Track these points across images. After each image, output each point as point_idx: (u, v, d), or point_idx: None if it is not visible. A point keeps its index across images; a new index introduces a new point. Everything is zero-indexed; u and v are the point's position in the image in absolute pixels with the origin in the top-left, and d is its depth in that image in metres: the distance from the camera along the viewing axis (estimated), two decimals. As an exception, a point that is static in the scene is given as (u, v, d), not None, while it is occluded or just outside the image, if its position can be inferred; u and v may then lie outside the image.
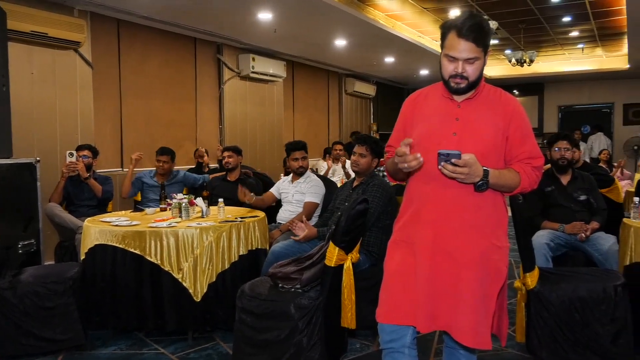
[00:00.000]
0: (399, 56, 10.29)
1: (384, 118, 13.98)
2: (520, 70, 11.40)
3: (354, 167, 3.82)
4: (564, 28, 9.48)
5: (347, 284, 3.02)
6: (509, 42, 10.34)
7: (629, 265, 3.27)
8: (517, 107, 2.09)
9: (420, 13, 8.11)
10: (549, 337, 3.03)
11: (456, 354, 2.17)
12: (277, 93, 9.49)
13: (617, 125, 14.65)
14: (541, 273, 3.17)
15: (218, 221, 3.75)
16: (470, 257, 1.98)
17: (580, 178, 4.11)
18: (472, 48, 1.95)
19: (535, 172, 2.04)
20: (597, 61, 12.71)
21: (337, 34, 8.26)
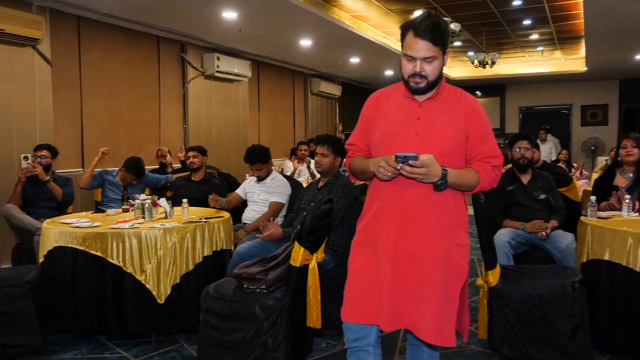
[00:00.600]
0: (364, 57, 10.35)
1: (350, 118, 14.04)
2: (482, 72, 11.61)
3: (317, 168, 3.84)
4: (525, 31, 9.70)
5: (312, 283, 3.02)
6: (471, 44, 10.52)
7: (586, 262, 3.36)
8: (478, 107, 2.12)
9: (385, 14, 8.18)
10: (510, 333, 3.10)
11: (419, 351, 2.20)
12: (242, 93, 9.43)
13: (575, 126, 15.07)
14: (503, 271, 3.24)
15: (182, 222, 3.71)
16: (432, 256, 2.01)
17: (539, 177, 4.21)
18: (429, 47, 1.98)
19: (494, 171, 2.08)
20: (556, 64, 13.05)
21: (302, 34, 8.26)
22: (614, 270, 3.13)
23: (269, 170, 4.54)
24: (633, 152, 3.88)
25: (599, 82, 14.49)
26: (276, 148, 10.53)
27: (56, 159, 5.07)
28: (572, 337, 3.03)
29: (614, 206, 3.80)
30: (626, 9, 6.98)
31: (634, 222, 3.38)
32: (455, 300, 2.04)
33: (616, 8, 6.92)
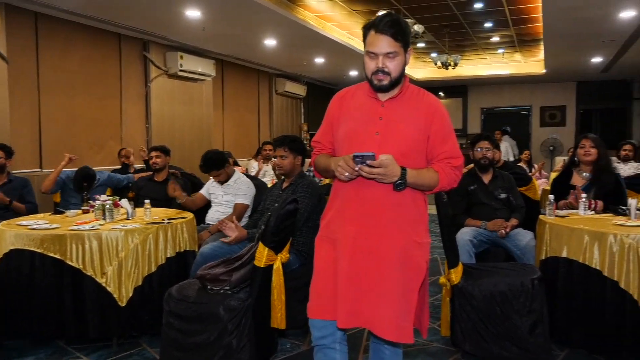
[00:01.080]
0: (329, 57, 10.38)
1: (315, 118, 14.05)
2: (445, 73, 11.79)
3: (279, 171, 3.82)
4: (486, 33, 9.89)
5: (276, 284, 3.01)
6: (434, 46, 10.67)
7: (544, 259, 3.44)
8: (439, 107, 2.14)
9: (350, 15, 8.22)
10: (472, 330, 3.15)
11: (381, 348, 2.21)
12: (206, 92, 9.34)
13: (535, 126, 15.43)
14: (465, 269, 3.29)
15: (144, 223, 3.65)
16: (391, 254, 2.03)
17: (500, 177, 4.29)
18: (390, 42, 2.02)
19: (454, 172, 2.10)
20: (516, 66, 13.34)
21: (267, 34, 8.23)
22: (571, 267, 3.22)
23: (229, 173, 4.50)
24: (591, 152, 3.99)
25: (557, 84, 14.88)
26: (241, 148, 10.47)
27: (11, 160, 4.91)
28: (532, 332, 3.10)
29: (571, 205, 3.91)
30: (583, 14, 7.18)
31: (590, 220, 3.48)
32: (413, 297, 2.06)
33: (573, 12, 7.12)
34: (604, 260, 3.05)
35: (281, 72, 11.86)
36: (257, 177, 5.63)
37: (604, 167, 3.98)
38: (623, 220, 3.36)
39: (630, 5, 6.83)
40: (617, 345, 3.07)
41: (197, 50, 8.82)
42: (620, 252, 3.00)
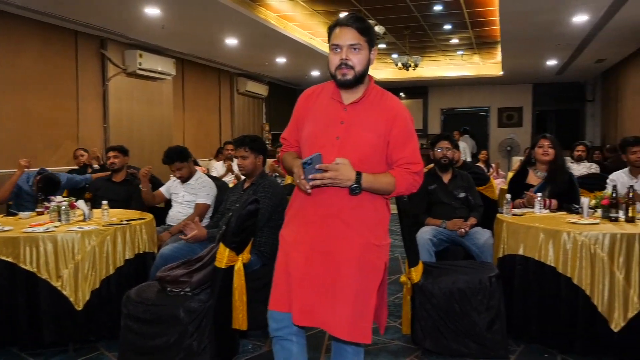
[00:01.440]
0: (291, 57, 10.37)
1: (277, 118, 14.01)
2: (406, 74, 11.92)
3: (241, 171, 3.80)
4: (445, 35, 10.05)
5: (238, 285, 3.00)
6: (395, 47, 10.78)
7: (502, 257, 3.52)
8: (400, 112, 2.13)
9: (311, 15, 8.23)
10: (432, 327, 3.20)
11: (344, 347, 2.22)
12: (166, 91, 9.20)
13: (493, 127, 15.77)
14: (425, 267, 3.34)
15: (102, 224, 3.57)
16: (347, 256, 2.04)
17: (459, 176, 4.37)
18: (355, 34, 2.03)
19: (413, 177, 2.09)
20: (475, 67, 13.61)
21: (228, 33, 8.17)
22: (527, 265, 3.30)
23: (191, 170, 4.44)
24: (549, 152, 4.10)
25: (514, 85, 15.24)
26: (202, 148, 10.36)
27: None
28: (489, 329, 3.17)
29: (528, 203, 4.00)
30: (538, 18, 7.38)
31: (545, 218, 3.57)
32: (371, 298, 2.07)
33: (528, 16, 7.30)
34: (558, 257, 3.14)
35: (243, 71, 11.78)
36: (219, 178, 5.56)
37: (559, 166, 4.10)
38: (576, 219, 3.46)
39: (582, 10, 7.05)
40: (570, 338, 3.17)
41: (157, 49, 8.68)
42: (573, 249, 3.09)
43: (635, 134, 4.95)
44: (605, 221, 3.40)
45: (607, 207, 3.46)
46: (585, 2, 6.70)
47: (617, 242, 3.03)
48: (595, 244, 3.05)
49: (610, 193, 3.49)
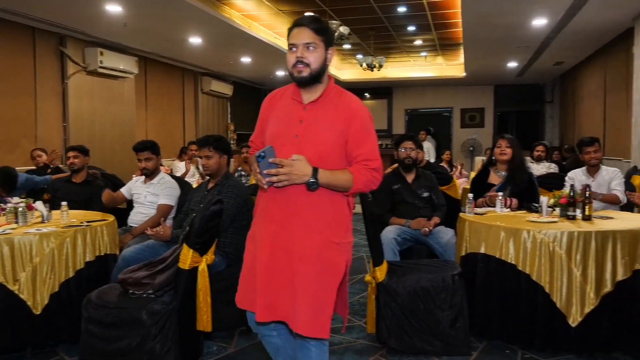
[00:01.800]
0: (256, 56, 10.32)
1: (242, 118, 13.93)
2: (371, 75, 12.01)
3: (205, 171, 3.76)
4: (409, 37, 10.17)
5: (202, 286, 2.97)
6: (360, 48, 10.85)
7: (464, 255, 3.58)
8: (359, 110, 2.16)
9: (276, 15, 8.21)
10: (397, 326, 3.23)
11: (307, 345, 2.23)
12: (128, 90, 9.03)
13: (456, 127, 16.02)
14: (389, 266, 3.37)
15: (61, 226, 3.48)
16: (306, 253, 2.08)
17: (423, 176, 4.42)
18: (310, 34, 2.10)
19: (371, 174, 2.11)
20: (438, 69, 13.80)
21: (191, 31, 8.08)
22: (488, 263, 3.36)
23: (157, 166, 4.36)
24: (507, 151, 4.19)
25: (476, 87, 15.51)
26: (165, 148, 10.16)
27: None
28: (452, 326, 3.22)
29: (489, 202, 4.08)
30: (499, 20, 7.53)
31: (506, 217, 3.65)
32: (331, 294, 2.11)
33: (490, 19, 7.45)
34: (518, 255, 3.21)
35: (207, 70, 11.67)
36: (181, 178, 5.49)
37: (518, 166, 4.19)
38: (535, 217, 3.54)
39: (541, 14, 7.23)
40: (530, 334, 3.24)
41: (119, 47, 8.52)
42: (532, 247, 3.16)
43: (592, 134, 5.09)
44: (564, 219, 3.49)
45: (565, 206, 3.55)
46: (544, 6, 6.87)
47: (574, 240, 3.11)
48: (553, 242, 3.13)
49: (568, 192, 3.59)
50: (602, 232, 3.13)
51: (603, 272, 3.10)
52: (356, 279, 4.90)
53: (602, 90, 9.65)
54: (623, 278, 3.10)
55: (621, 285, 3.11)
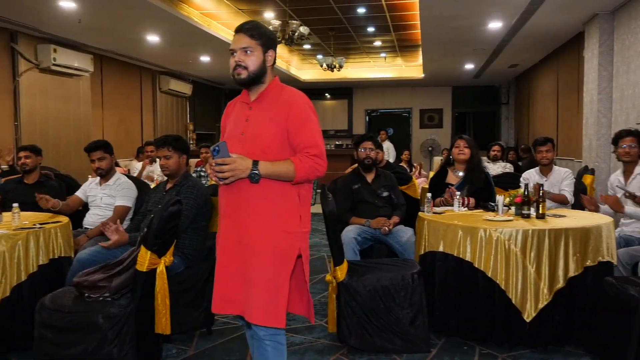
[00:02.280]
0: (215, 55, 10.22)
1: (201, 117, 13.77)
2: (331, 75, 12.06)
3: (164, 172, 3.70)
4: (369, 37, 10.25)
5: (160, 288, 2.92)
6: (320, 48, 10.88)
7: (423, 254, 3.63)
8: (296, 101, 2.25)
9: (236, 14, 8.15)
10: (357, 325, 3.25)
11: (263, 345, 2.24)
12: (83, 88, 8.81)
13: (415, 128, 16.22)
14: (350, 266, 3.39)
15: (12, 229, 3.37)
16: (258, 243, 2.17)
17: (383, 176, 4.46)
18: (246, 39, 2.23)
19: (313, 160, 2.18)
20: (398, 70, 13.96)
21: (149, 29, 7.94)
22: (446, 261, 3.42)
23: (112, 166, 4.26)
24: (465, 151, 4.27)
25: (434, 88, 15.75)
26: (122, 148, 10.00)
27: None
28: (412, 324, 3.26)
29: (447, 202, 4.16)
30: (456, 23, 7.68)
31: (463, 216, 3.72)
32: (284, 284, 2.16)
33: (447, 21, 7.58)
34: (474, 253, 3.28)
35: (165, 69, 11.49)
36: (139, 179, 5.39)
37: (475, 166, 4.28)
38: (492, 216, 3.62)
39: (497, 17, 7.40)
40: (487, 330, 3.32)
41: (73, 44, 8.30)
42: (488, 245, 3.24)
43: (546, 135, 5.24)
44: (518, 218, 3.58)
45: (520, 205, 3.65)
46: (499, 10, 7.04)
47: (529, 238, 3.20)
48: (509, 240, 3.21)
49: (522, 191, 3.68)
50: (555, 230, 3.22)
51: (556, 269, 3.20)
52: (317, 279, 4.91)
53: (555, 92, 9.95)
54: (574, 274, 3.21)
55: (573, 281, 3.22)
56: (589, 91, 7.24)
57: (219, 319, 3.86)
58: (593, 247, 3.27)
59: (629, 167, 4.12)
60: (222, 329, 3.71)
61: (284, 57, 12.17)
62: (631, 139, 4.08)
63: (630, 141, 4.07)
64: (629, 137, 4.09)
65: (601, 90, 6.90)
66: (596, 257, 3.27)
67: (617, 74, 6.66)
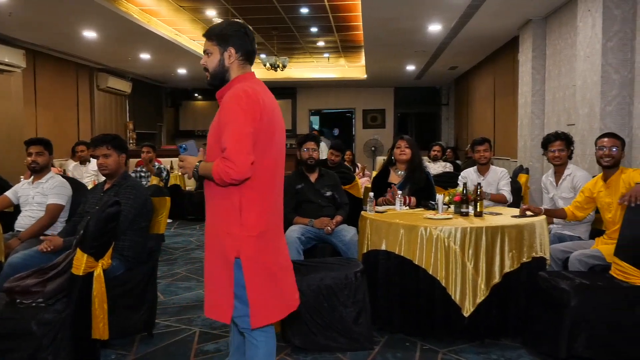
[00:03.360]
0: (155, 53, 10.00)
1: (141, 116, 13.43)
2: (275, 75, 12.02)
3: (103, 172, 3.58)
4: (312, 38, 10.28)
5: (98, 292, 2.82)
6: (263, 47, 10.82)
7: (366, 252, 3.67)
8: (226, 101, 2.15)
9: (177, 11, 8.00)
10: (301, 324, 3.25)
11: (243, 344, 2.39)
12: (15, 85, 8.41)
13: (358, 128, 16.42)
14: (294, 266, 3.37)
15: (-64, 232, 3.18)
16: (208, 242, 2.29)
17: (326, 176, 4.49)
18: (205, 43, 2.33)
19: (224, 162, 2.05)
20: (341, 70, 14.08)
21: (85, 25, 7.68)
22: (389, 259, 3.48)
23: (48, 165, 4.09)
24: (406, 152, 4.35)
25: (377, 88, 15.99)
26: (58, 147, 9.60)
27: None
28: (356, 322, 3.29)
29: (389, 201, 4.22)
30: (397, 25, 7.81)
31: (405, 215, 3.79)
32: (225, 282, 2.18)
33: (389, 23, 7.71)
34: (415, 250, 3.34)
35: (103, 66, 11.14)
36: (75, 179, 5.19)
37: (416, 166, 4.37)
38: (432, 214, 3.71)
39: (436, 20, 7.58)
40: (429, 326, 3.40)
41: (3, 38, 7.92)
42: (428, 243, 3.31)
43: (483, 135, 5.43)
44: (457, 216, 3.68)
45: (459, 203, 3.75)
46: (438, 13, 7.21)
47: (467, 235, 3.29)
48: (448, 238, 3.29)
49: (461, 190, 3.79)
50: (492, 228, 3.33)
51: (492, 265, 3.31)
52: (261, 279, 4.88)
53: (492, 94, 10.29)
54: (510, 270, 3.33)
55: (508, 277, 3.34)
56: (524, 93, 7.53)
57: (161, 322, 3.78)
58: (528, 244, 3.40)
59: (559, 169, 4.31)
60: (163, 332, 3.63)
61: (227, 56, 12.01)
62: (559, 143, 4.26)
63: (559, 145, 4.25)
64: (557, 142, 4.27)
65: (535, 93, 7.19)
66: (530, 253, 3.41)
67: (549, 77, 6.95)
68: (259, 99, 2.15)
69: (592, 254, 3.54)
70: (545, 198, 4.47)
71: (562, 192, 4.23)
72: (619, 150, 3.68)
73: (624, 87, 4.90)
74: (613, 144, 3.66)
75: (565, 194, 4.20)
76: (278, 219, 2.34)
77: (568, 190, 4.18)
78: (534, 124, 7.20)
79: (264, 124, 2.15)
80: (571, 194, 4.15)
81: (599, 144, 3.72)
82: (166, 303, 4.27)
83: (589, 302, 2.97)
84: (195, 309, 4.11)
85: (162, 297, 4.40)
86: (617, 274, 3.10)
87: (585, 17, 5.34)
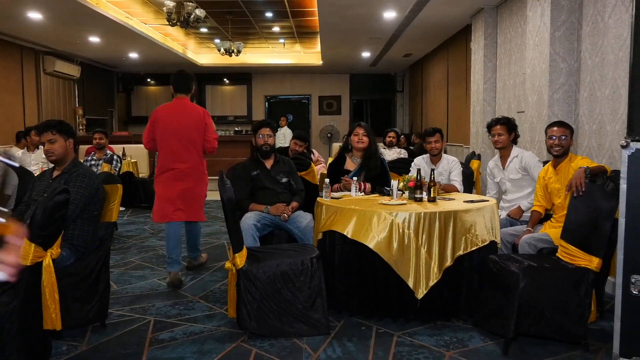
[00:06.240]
0: (105, 36, 9.71)
1: (92, 102, 13.04)
2: (230, 60, 11.86)
3: (50, 158, 3.45)
4: (267, 23, 10.18)
5: (48, 282, 2.75)
6: (218, 32, 10.65)
7: (322, 238, 3.69)
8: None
9: (127, -7, 7.77)
10: (258, 310, 3.25)
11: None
12: (-46, 68, 8.03)
13: (314, 114, 16.42)
14: (249, 253, 3.37)
15: None
16: None
17: (282, 162, 4.48)
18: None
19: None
20: (297, 56, 14.00)
21: (29, 5, 7.37)
22: (345, 244, 3.51)
23: None
24: (364, 140, 4.38)
25: (333, 75, 16.00)
26: (1, 133, 9.28)
27: None
28: (312, 307, 3.31)
29: (345, 187, 4.25)
30: (352, 11, 7.81)
31: (360, 200, 3.83)
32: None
33: (344, 9, 7.70)
34: (370, 236, 3.38)
35: (50, 49, 10.74)
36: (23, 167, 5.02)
37: (372, 153, 4.40)
38: (387, 200, 3.76)
39: (391, 7, 7.62)
40: (385, 308, 3.46)
41: (-59, 19, 7.54)
42: (383, 228, 3.35)
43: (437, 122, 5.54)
44: (412, 202, 3.74)
45: (413, 189, 3.81)
46: (393, 0, 7.25)
47: (421, 220, 3.36)
48: (403, 223, 3.34)
49: (415, 176, 3.85)
50: (445, 213, 3.40)
51: (445, 249, 3.39)
52: (217, 267, 4.85)
53: (446, 81, 10.45)
54: (462, 253, 3.42)
55: (460, 260, 3.43)
56: (476, 81, 7.67)
57: (114, 311, 3.71)
58: (479, 228, 3.49)
59: (504, 153, 4.43)
60: (117, 322, 3.56)
61: (180, 40, 11.79)
62: (499, 127, 4.38)
63: (499, 129, 4.37)
64: (497, 126, 4.39)
65: (486, 80, 7.34)
66: (482, 237, 3.50)
67: (500, 65, 7.11)
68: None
69: (540, 237, 3.67)
70: (491, 183, 4.59)
71: (509, 174, 4.35)
72: (568, 139, 3.80)
73: (571, 75, 5.06)
74: (562, 133, 3.79)
75: (513, 175, 4.33)
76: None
77: (515, 172, 4.31)
78: (486, 111, 7.36)
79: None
80: (519, 175, 4.28)
81: (549, 133, 3.83)
82: (119, 292, 4.20)
83: (536, 283, 3.08)
84: (149, 298, 4.05)
85: (115, 286, 4.32)
86: (563, 256, 3.22)
87: (534, 7, 5.47)
